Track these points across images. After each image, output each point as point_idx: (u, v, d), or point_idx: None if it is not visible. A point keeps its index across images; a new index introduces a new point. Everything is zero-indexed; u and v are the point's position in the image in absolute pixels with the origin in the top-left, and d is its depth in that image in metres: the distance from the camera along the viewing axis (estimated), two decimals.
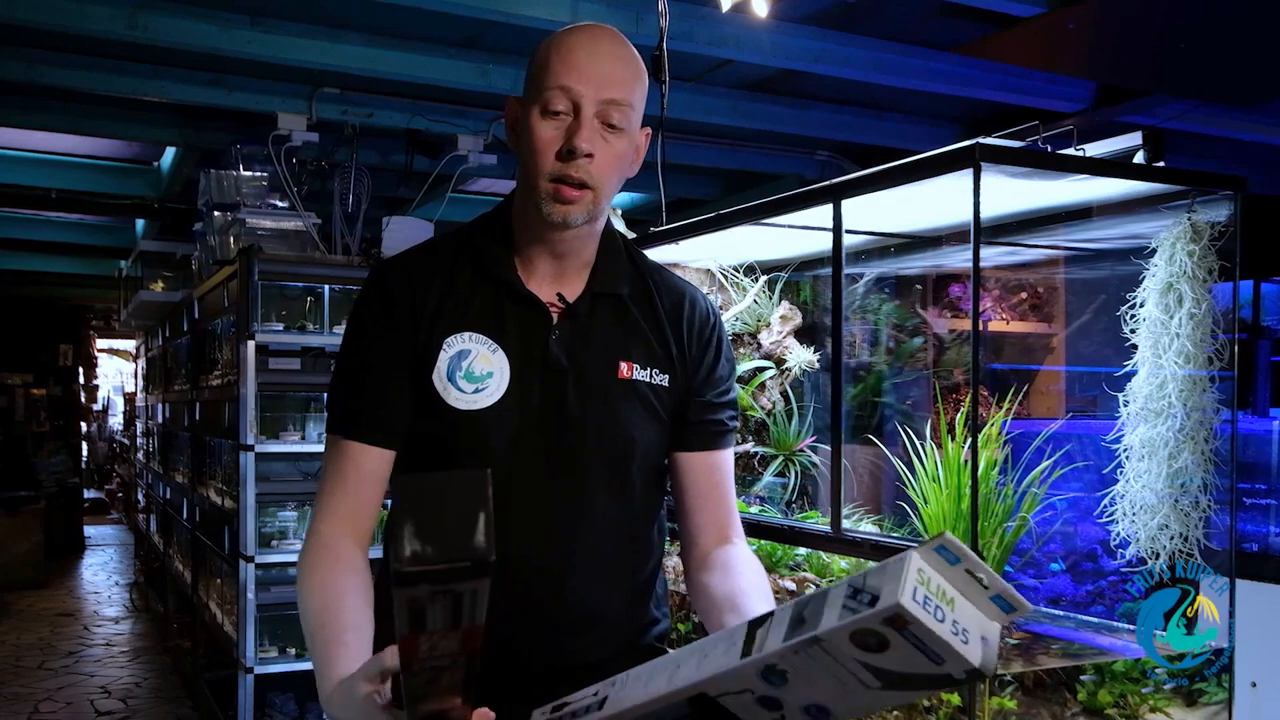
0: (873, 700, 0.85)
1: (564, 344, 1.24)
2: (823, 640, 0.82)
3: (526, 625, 1.23)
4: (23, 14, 3.38)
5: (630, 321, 1.29)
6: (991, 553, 2.17)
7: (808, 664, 0.83)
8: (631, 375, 1.26)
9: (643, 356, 1.28)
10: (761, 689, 0.87)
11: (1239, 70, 3.49)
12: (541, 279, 1.26)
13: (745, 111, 4.44)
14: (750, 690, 0.87)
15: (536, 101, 1.18)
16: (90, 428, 13.67)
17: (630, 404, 1.26)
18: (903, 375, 2.74)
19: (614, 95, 1.17)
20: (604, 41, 1.19)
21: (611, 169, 1.19)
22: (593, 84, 1.16)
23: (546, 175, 1.17)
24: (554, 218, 1.19)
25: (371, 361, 1.23)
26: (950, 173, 1.97)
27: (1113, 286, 2.30)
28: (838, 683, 0.84)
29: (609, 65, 1.18)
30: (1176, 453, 2.13)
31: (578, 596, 1.25)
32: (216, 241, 4.53)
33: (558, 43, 1.19)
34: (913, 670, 0.81)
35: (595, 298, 1.27)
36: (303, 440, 3.94)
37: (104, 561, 9.57)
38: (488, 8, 3.33)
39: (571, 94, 1.16)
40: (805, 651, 0.82)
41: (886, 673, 0.82)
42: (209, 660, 4.82)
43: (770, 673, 0.85)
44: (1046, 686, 2.16)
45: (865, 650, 0.81)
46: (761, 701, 0.87)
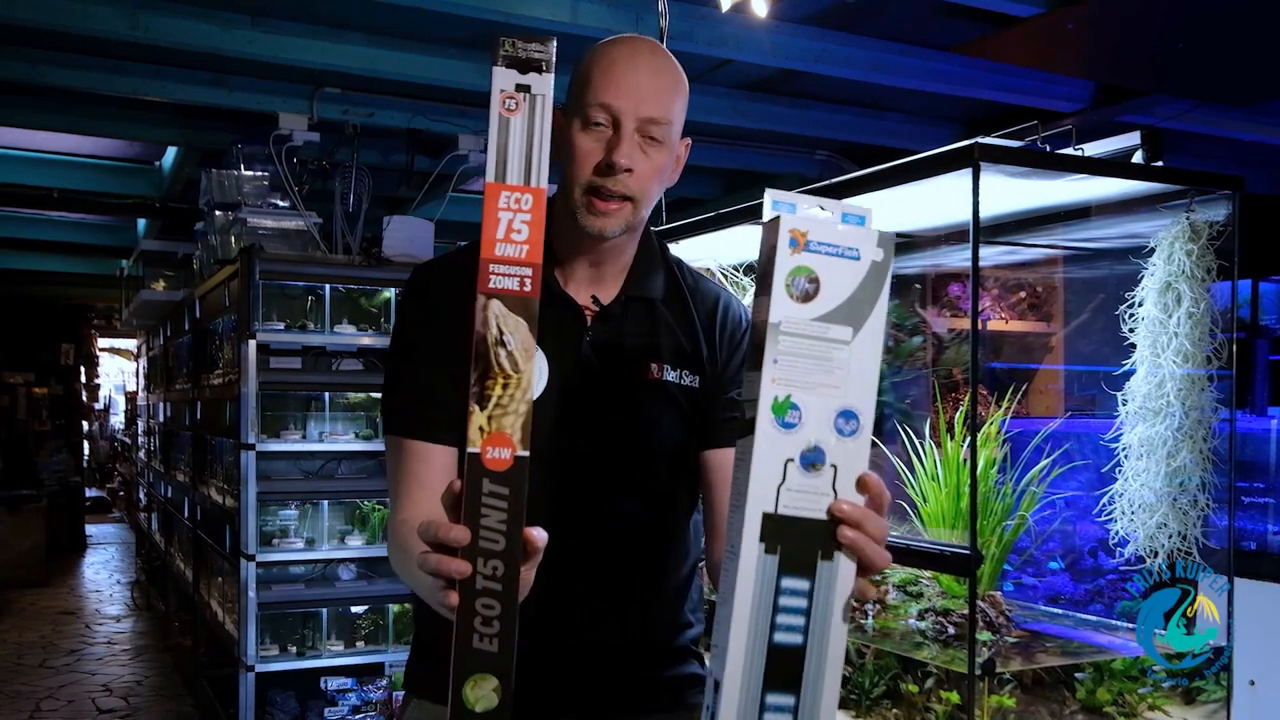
0: (863, 360, 0.92)
1: (596, 345, 1.26)
2: (774, 324, 0.90)
3: (551, 623, 1.24)
4: (24, 14, 3.38)
5: (663, 323, 1.31)
6: (991, 551, 2.18)
7: (789, 365, 0.91)
8: (661, 376, 1.28)
9: (673, 358, 1.29)
10: (791, 443, 0.91)
11: (1237, 70, 3.49)
12: (579, 282, 1.28)
13: (745, 111, 4.45)
14: (788, 459, 0.91)
15: (578, 114, 1.20)
16: (92, 427, 13.68)
17: (659, 405, 1.28)
18: (902, 374, 2.74)
19: (653, 113, 1.19)
20: (644, 56, 1.21)
21: (651, 181, 1.22)
22: (633, 100, 1.18)
23: (583, 187, 1.19)
24: (590, 228, 1.21)
25: (426, 361, 1.25)
26: (949, 172, 1.97)
27: (1111, 286, 2.30)
28: (826, 362, 0.91)
29: (649, 81, 1.19)
30: (1175, 451, 2.14)
31: (605, 596, 1.25)
32: (218, 241, 4.54)
33: (599, 56, 1.21)
34: (851, 287, 0.91)
35: (629, 300, 1.29)
36: (303, 439, 3.95)
37: (105, 560, 9.58)
38: (488, 8, 3.34)
39: (612, 110, 1.18)
40: (777, 350, 0.91)
41: (840, 311, 0.91)
42: (210, 658, 4.83)
43: (778, 411, 0.91)
44: (1045, 685, 2.16)
45: (807, 301, 0.91)
46: (806, 463, 0.92)
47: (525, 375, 0.93)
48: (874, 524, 0.93)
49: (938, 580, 2.28)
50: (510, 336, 0.93)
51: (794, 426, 0.91)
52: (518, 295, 0.94)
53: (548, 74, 0.96)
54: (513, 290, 0.93)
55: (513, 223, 0.94)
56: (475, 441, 0.92)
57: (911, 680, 2.20)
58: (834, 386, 0.91)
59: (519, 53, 0.96)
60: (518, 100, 0.95)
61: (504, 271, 0.93)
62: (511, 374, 0.93)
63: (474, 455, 0.91)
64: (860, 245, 0.92)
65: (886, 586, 2.35)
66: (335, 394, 4.04)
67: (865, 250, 0.92)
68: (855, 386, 0.92)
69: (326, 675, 3.89)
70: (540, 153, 0.96)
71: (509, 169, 0.94)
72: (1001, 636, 2.09)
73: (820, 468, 0.91)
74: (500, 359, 0.92)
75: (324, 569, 4.09)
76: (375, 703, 3.85)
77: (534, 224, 0.94)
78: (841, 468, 0.92)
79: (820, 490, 0.92)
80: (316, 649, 3.92)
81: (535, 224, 0.94)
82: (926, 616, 2.19)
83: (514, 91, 0.95)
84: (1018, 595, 2.37)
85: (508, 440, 0.92)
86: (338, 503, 4.03)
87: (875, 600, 2.32)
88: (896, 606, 2.29)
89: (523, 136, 0.95)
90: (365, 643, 4.00)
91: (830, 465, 0.91)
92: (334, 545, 3.98)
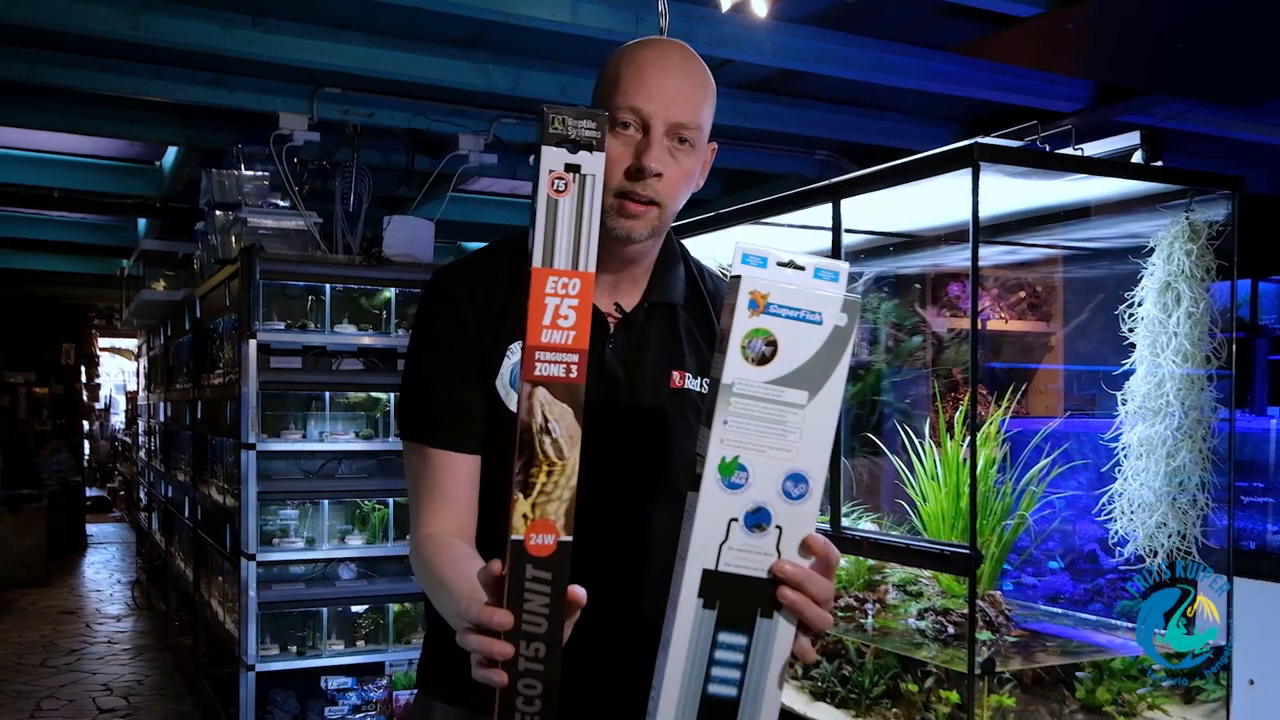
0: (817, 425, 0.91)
1: (619, 354, 1.26)
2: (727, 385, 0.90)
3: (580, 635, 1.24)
4: (25, 14, 3.39)
5: (685, 330, 1.30)
6: (990, 550, 2.18)
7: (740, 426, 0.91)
8: (684, 385, 1.28)
9: (695, 365, 1.29)
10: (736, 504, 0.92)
11: (1237, 70, 3.49)
12: (601, 287, 1.27)
13: (745, 111, 4.45)
14: (732, 519, 0.92)
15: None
16: (92, 426, 13.68)
17: (681, 414, 1.27)
18: (902, 374, 2.74)
19: (683, 118, 1.18)
20: (674, 60, 1.20)
21: (679, 185, 1.21)
22: (662, 104, 1.17)
23: (613, 190, 1.18)
24: (618, 232, 1.20)
25: (447, 368, 1.24)
26: (949, 172, 1.98)
27: (1111, 285, 2.31)
28: (778, 425, 0.91)
29: (678, 85, 1.18)
30: (1174, 451, 2.14)
31: (632, 607, 1.25)
32: (218, 241, 4.54)
33: (628, 60, 1.20)
34: (811, 350, 0.90)
35: (651, 307, 1.29)
36: (304, 439, 3.95)
37: (106, 560, 9.58)
38: (488, 8, 3.34)
39: (641, 114, 1.17)
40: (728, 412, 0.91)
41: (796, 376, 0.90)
42: (210, 658, 4.83)
43: (725, 472, 0.92)
44: (1045, 684, 2.17)
45: (763, 364, 0.90)
46: (750, 523, 0.93)
47: (570, 462, 0.92)
48: (816, 585, 0.94)
49: (937, 580, 2.29)
50: (555, 424, 0.92)
51: (740, 487, 0.92)
52: (564, 382, 0.92)
53: (599, 153, 0.92)
54: (559, 378, 0.92)
55: (560, 308, 0.91)
56: (519, 529, 0.91)
57: (911, 679, 2.20)
58: (784, 450, 0.91)
59: (569, 131, 0.91)
60: (567, 181, 0.92)
61: (550, 359, 0.91)
62: (556, 461, 0.92)
63: (517, 542, 0.91)
64: (823, 309, 0.90)
65: (886, 586, 2.35)
66: (335, 394, 4.04)
67: (828, 314, 0.90)
68: (807, 450, 0.92)
69: (327, 674, 3.90)
70: (589, 235, 0.93)
71: (557, 253, 0.92)
72: (1001, 636, 2.09)
73: (765, 528, 0.92)
74: (545, 446, 0.91)
75: (324, 568, 4.10)
76: (375, 702, 3.86)
77: (581, 310, 0.92)
78: (787, 529, 0.93)
79: (763, 550, 0.93)
80: (317, 648, 3.92)
81: (582, 310, 0.92)
82: (926, 616, 2.19)
83: (563, 172, 0.92)
84: (1017, 595, 2.37)
85: (551, 527, 0.92)
86: (338, 502, 4.04)
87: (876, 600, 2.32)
88: (896, 606, 2.29)
89: (572, 218, 0.92)
90: (365, 642, 4.00)
91: (775, 526, 0.92)
92: (334, 545, 3.98)
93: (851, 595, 2.33)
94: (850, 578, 2.41)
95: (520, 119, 4.54)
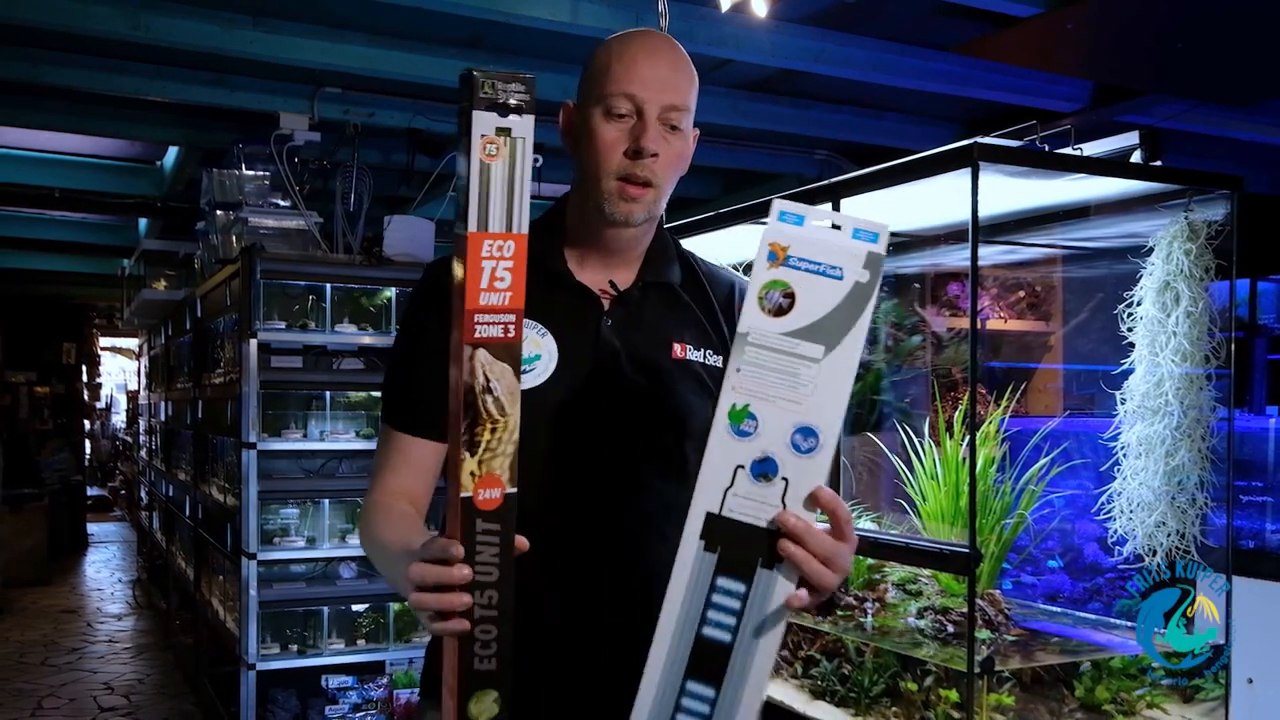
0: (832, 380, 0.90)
1: (616, 328, 1.28)
2: (744, 334, 0.90)
3: (580, 602, 1.25)
4: (26, 14, 3.39)
5: (683, 307, 1.32)
6: (990, 549, 2.19)
7: (753, 375, 0.91)
8: (685, 355, 1.29)
9: (696, 338, 1.31)
10: (745, 451, 0.92)
11: (1236, 70, 3.49)
12: (593, 271, 1.30)
13: (745, 111, 4.46)
14: (739, 465, 0.93)
15: (599, 105, 1.22)
16: (93, 426, 13.69)
17: (685, 383, 1.28)
18: (901, 373, 2.75)
19: (674, 101, 1.22)
20: (663, 48, 1.25)
21: (672, 167, 1.24)
22: (655, 89, 1.21)
23: (613, 174, 1.22)
24: (617, 216, 1.23)
25: (424, 356, 1.27)
26: (948, 172, 1.98)
27: (1110, 285, 2.31)
28: (791, 378, 0.90)
29: (668, 71, 1.23)
30: (1173, 450, 2.14)
31: (633, 575, 1.25)
32: (219, 240, 4.55)
33: (618, 50, 1.24)
34: (830, 305, 0.89)
35: (646, 286, 1.31)
36: (304, 438, 3.95)
37: (107, 559, 9.59)
38: (489, 8, 3.34)
39: (635, 100, 1.21)
40: (742, 360, 0.91)
41: (813, 329, 0.89)
42: (211, 656, 4.83)
43: (735, 419, 0.92)
44: (1044, 683, 2.17)
45: (780, 315, 0.90)
46: (756, 472, 0.93)
47: (512, 418, 0.95)
48: (817, 541, 0.95)
49: (937, 578, 2.29)
50: (496, 383, 0.94)
51: (748, 435, 0.92)
52: (502, 342, 0.94)
53: (528, 115, 0.93)
54: (497, 338, 0.94)
55: (495, 270, 0.93)
56: (467, 486, 0.94)
57: (911, 678, 2.21)
58: (796, 402, 0.91)
59: (499, 95, 0.92)
60: (498, 145, 0.93)
61: (489, 320, 0.94)
62: (499, 418, 0.94)
63: (467, 499, 0.94)
64: (845, 264, 0.90)
65: (886, 585, 2.36)
66: (336, 393, 4.05)
67: (850, 269, 0.90)
68: (820, 404, 0.91)
69: (327, 673, 3.90)
70: (522, 197, 0.94)
71: (491, 216, 0.93)
72: (1000, 635, 2.09)
73: (771, 479, 0.93)
74: (488, 405, 0.94)
75: (325, 567, 4.10)
76: (376, 701, 3.86)
77: (516, 270, 0.94)
78: (794, 481, 0.93)
79: (769, 500, 0.93)
80: (317, 647, 3.93)
81: (517, 270, 0.94)
82: (926, 615, 2.19)
83: (494, 136, 0.93)
84: (1017, 593, 2.37)
85: (498, 480, 0.95)
86: (338, 501, 4.04)
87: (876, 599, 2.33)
88: (896, 605, 2.29)
89: (504, 182, 0.93)
90: (366, 641, 4.01)
91: (782, 478, 0.93)
92: (335, 544, 3.98)
93: (851, 594, 2.34)
94: (850, 576, 2.41)
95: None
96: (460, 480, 0.93)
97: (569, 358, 1.25)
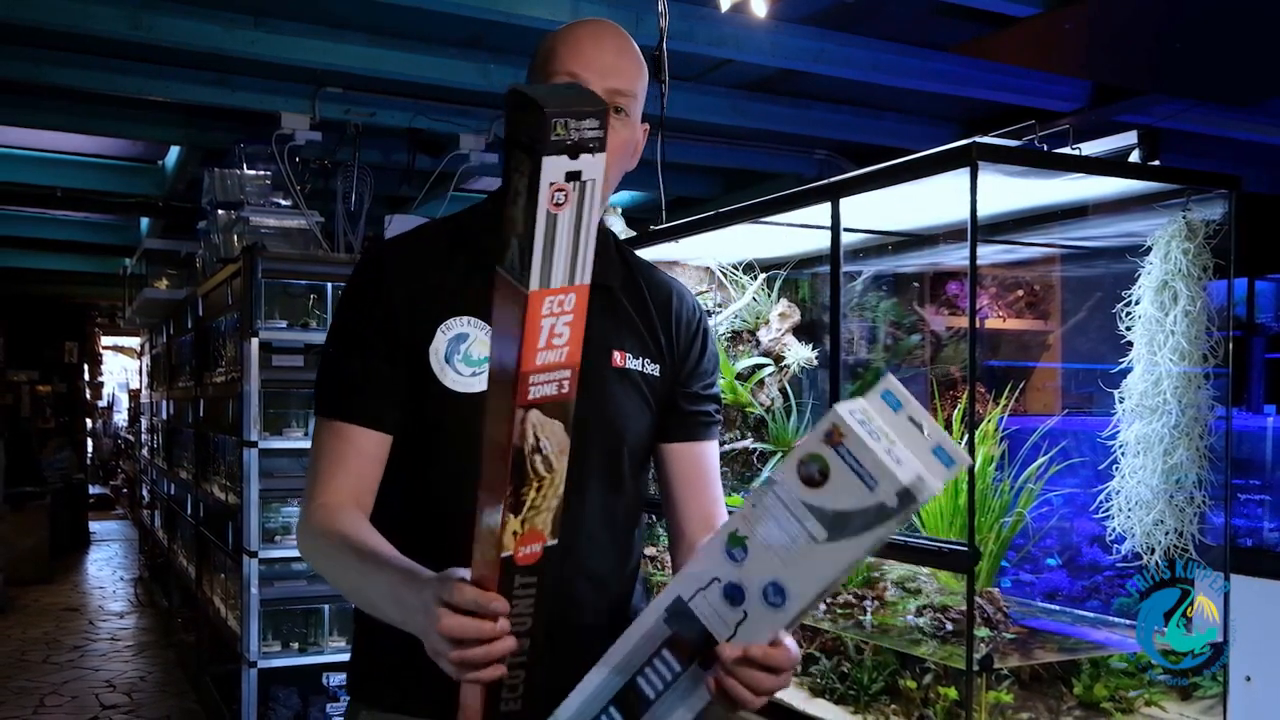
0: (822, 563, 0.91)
1: None
2: (775, 481, 0.91)
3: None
4: (27, 14, 3.40)
5: (622, 312, 1.30)
6: (989, 547, 2.19)
7: (763, 518, 0.91)
8: (625, 364, 1.27)
9: (635, 346, 1.29)
10: (727, 571, 0.94)
11: (1234, 70, 3.50)
12: None
13: (744, 111, 4.46)
14: (716, 578, 0.94)
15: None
16: (95, 424, 13.71)
17: (625, 392, 1.27)
18: (900, 372, 2.75)
19: (618, 85, 1.19)
20: (608, 34, 1.22)
21: (614, 156, 1.20)
22: (598, 72, 1.18)
23: None
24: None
25: (369, 343, 1.21)
26: (947, 171, 1.98)
27: (1108, 284, 2.31)
28: (789, 540, 0.91)
29: (613, 57, 1.20)
30: (1172, 449, 2.15)
31: (572, 584, 1.24)
32: (220, 240, 4.56)
33: (564, 35, 1.21)
34: (851, 505, 0.88)
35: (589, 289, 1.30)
36: (305, 437, 3.96)
37: (109, 557, 9.61)
38: (489, 8, 3.35)
39: (578, 81, 1.17)
40: (761, 502, 0.91)
41: (827, 514, 0.89)
42: (213, 654, 4.84)
43: (732, 543, 0.93)
44: (1043, 680, 2.17)
45: (810, 486, 0.89)
46: (727, 593, 0.95)
47: (559, 472, 0.90)
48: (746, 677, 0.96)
49: (936, 577, 2.30)
50: (546, 441, 0.89)
51: (735, 561, 0.94)
52: (556, 400, 0.88)
53: (600, 153, 0.83)
54: (551, 396, 0.87)
55: (555, 327, 0.85)
56: (509, 547, 0.90)
57: (910, 676, 2.21)
58: (783, 562, 0.91)
59: (571, 135, 0.81)
60: (567, 192, 0.82)
61: (544, 380, 0.86)
62: (546, 475, 0.90)
63: (508, 559, 0.90)
64: (882, 482, 0.86)
65: (885, 583, 2.36)
66: None
67: (883, 488, 0.86)
68: (801, 575, 0.91)
69: (328, 671, 3.91)
70: (587, 242, 0.85)
71: (554, 271, 0.84)
72: (999, 633, 2.10)
73: (736, 605, 0.95)
74: (535, 465, 0.89)
75: None
76: None
77: (575, 324, 0.86)
78: (752, 619, 0.94)
79: (727, 620, 0.95)
80: (318, 645, 3.94)
81: (576, 323, 0.86)
82: (925, 613, 2.20)
83: (564, 183, 0.82)
84: (1015, 592, 2.38)
85: (540, 535, 0.91)
86: None
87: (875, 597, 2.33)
88: (895, 603, 2.30)
89: (570, 230, 0.83)
90: None
91: (744, 610, 0.95)
92: None
93: (850, 592, 2.35)
94: (850, 575, 2.42)
95: None
96: (502, 541, 0.89)
97: None
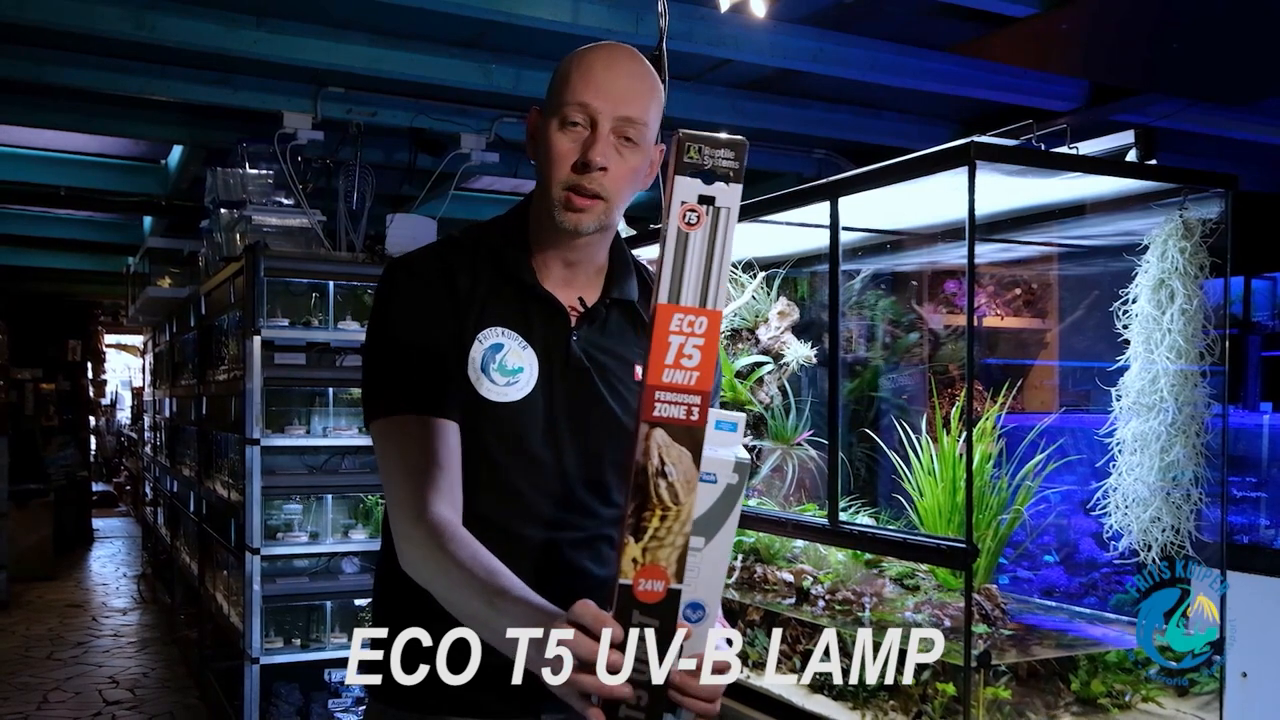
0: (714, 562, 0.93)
1: (583, 345, 1.28)
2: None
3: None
4: (31, 14, 3.42)
5: (642, 326, 1.33)
6: (986, 544, 2.21)
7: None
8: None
9: None
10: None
11: (1231, 70, 3.51)
12: (556, 282, 1.30)
13: (744, 110, 4.48)
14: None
15: (555, 114, 1.22)
16: (98, 422, 13.73)
17: None
18: (899, 370, 2.77)
19: (629, 113, 1.21)
20: (622, 60, 1.24)
21: (625, 182, 1.24)
22: (609, 100, 1.20)
23: (560, 184, 1.22)
24: (565, 225, 1.23)
25: (429, 335, 1.23)
26: (945, 171, 2.00)
27: (1105, 283, 2.32)
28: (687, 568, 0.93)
29: (625, 83, 1.22)
30: (1168, 446, 2.16)
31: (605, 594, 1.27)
32: (223, 238, 4.57)
33: (578, 60, 1.24)
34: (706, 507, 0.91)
35: (612, 303, 1.32)
36: (307, 434, 3.98)
37: (112, 554, 9.63)
38: (490, 8, 3.36)
39: (589, 110, 1.20)
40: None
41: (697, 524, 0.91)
42: (215, 651, 4.86)
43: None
44: (1040, 677, 2.18)
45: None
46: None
47: (686, 507, 0.89)
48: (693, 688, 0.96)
49: (934, 573, 2.31)
50: (672, 468, 0.88)
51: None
52: (684, 424, 0.88)
53: (736, 184, 0.86)
54: (679, 419, 0.88)
55: (684, 347, 0.87)
56: (628, 574, 0.89)
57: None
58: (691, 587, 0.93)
59: (705, 161, 0.85)
60: (700, 214, 0.86)
61: (670, 399, 0.87)
62: (671, 506, 0.88)
63: (625, 587, 0.89)
64: (717, 472, 0.91)
65: (884, 580, 2.38)
66: (339, 389, 4.07)
67: (722, 475, 0.91)
68: (704, 584, 0.93)
69: (330, 667, 3.93)
70: (721, 270, 0.86)
71: (684, 289, 0.86)
72: (997, 629, 2.11)
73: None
74: (660, 490, 0.88)
75: (328, 562, 4.13)
76: None
77: (707, 350, 0.87)
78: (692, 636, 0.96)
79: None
80: (320, 641, 3.96)
81: (708, 350, 0.87)
82: (923, 609, 2.21)
83: (696, 204, 0.86)
84: (1013, 588, 2.39)
85: (662, 573, 0.90)
86: (341, 497, 4.07)
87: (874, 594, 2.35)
88: (893, 599, 2.31)
89: (702, 253, 0.86)
90: None
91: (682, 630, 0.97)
92: (337, 539, 4.01)
93: (849, 589, 2.36)
94: (848, 572, 2.43)
95: (521, 118, 4.57)
96: (621, 566, 0.89)
97: (545, 372, 1.26)
